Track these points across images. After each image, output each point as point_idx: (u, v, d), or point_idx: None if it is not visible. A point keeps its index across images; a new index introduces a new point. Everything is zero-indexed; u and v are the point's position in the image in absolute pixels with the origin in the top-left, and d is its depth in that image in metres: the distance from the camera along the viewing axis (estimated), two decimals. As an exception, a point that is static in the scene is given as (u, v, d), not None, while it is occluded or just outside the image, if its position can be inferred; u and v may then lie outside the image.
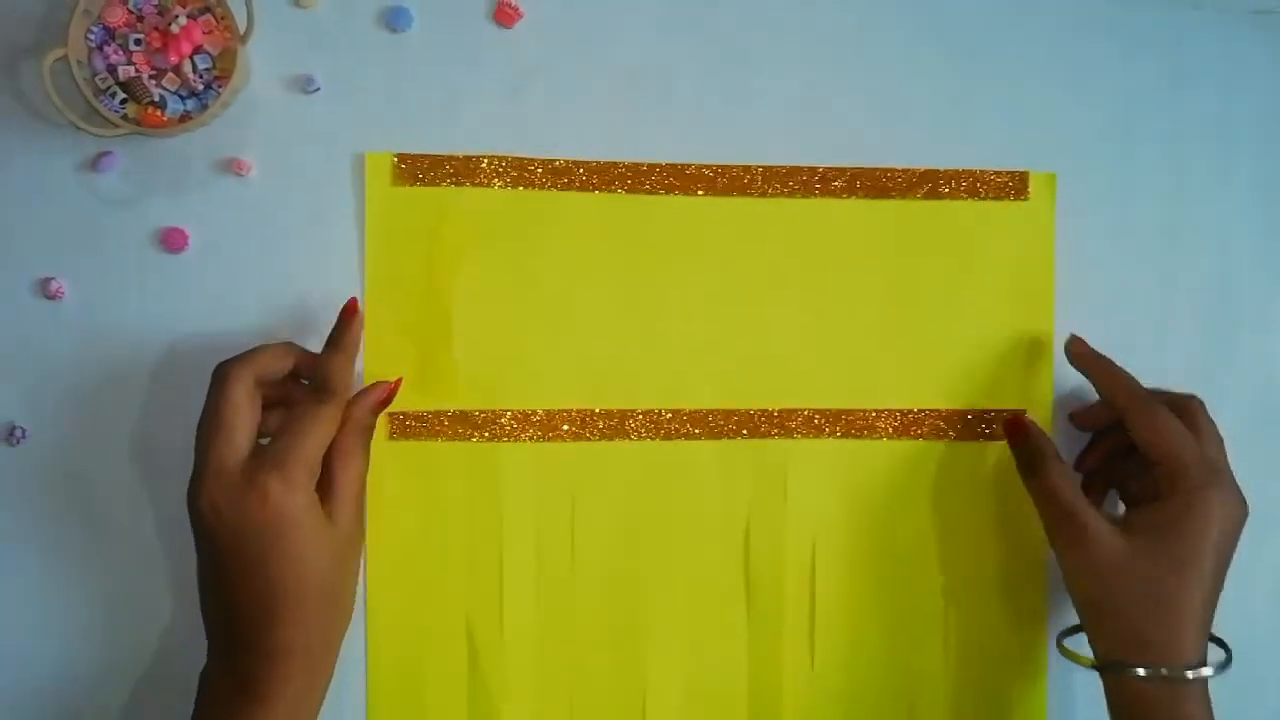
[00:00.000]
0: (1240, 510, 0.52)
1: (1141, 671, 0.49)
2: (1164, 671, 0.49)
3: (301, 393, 0.52)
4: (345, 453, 0.51)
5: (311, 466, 0.48)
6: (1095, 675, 0.57)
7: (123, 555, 0.55)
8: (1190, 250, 0.60)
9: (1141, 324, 0.60)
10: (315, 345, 0.54)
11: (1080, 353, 0.56)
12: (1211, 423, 0.54)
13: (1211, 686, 0.59)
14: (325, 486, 0.50)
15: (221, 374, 0.49)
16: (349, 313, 0.53)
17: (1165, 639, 0.49)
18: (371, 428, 0.53)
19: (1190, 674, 0.49)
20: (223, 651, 0.49)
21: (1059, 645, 0.55)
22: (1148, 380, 0.60)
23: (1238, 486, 0.52)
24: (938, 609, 0.58)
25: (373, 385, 0.53)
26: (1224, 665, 0.51)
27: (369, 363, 0.55)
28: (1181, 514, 0.50)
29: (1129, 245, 0.60)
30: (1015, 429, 0.56)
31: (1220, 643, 0.52)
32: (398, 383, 0.54)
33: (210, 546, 0.48)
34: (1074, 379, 0.59)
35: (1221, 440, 0.54)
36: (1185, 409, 0.53)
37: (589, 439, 0.56)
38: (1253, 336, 0.61)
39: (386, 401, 0.53)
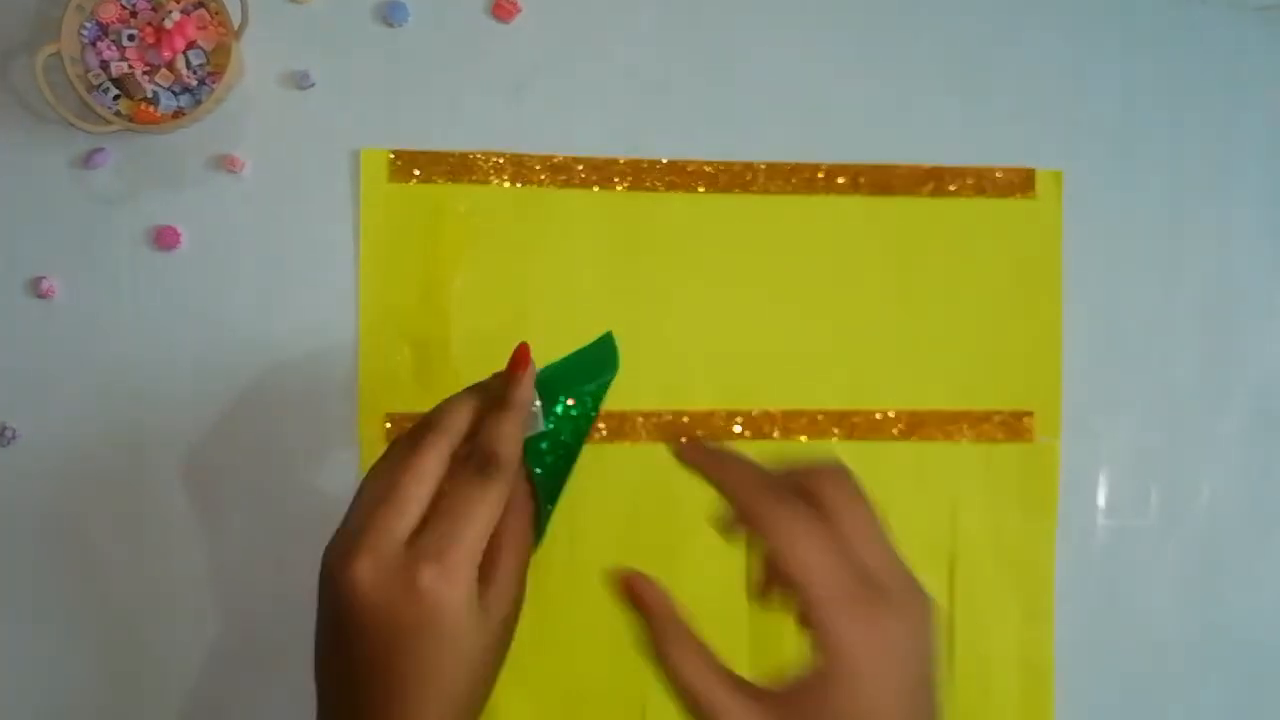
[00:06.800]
0: (918, 623, 0.38)
1: None
2: None
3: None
4: (513, 535, 0.43)
5: (475, 556, 0.40)
6: (1106, 680, 0.57)
7: (114, 555, 0.54)
8: (1195, 247, 0.60)
9: (1147, 323, 0.59)
10: (315, 348, 0.54)
11: (691, 460, 0.42)
12: (854, 501, 0.40)
13: (1222, 688, 0.59)
14: (485, 570, 0.41)
15: (418, 440, 0.42)
16: (520, 364, 0.45)
17: None
18: (531, 494, 0.46)
19: None
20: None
21: None
22: (1155, 375, 0.59)
23: (909, 588, 0.39)
24: (942, 609, 0.57)
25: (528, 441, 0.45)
26: None
27: (365, 361, 0.54)
28: (838, 683, 0.36)
29: (1135, 242, 0.59)
30: (633, 595, 0.41)
31: None
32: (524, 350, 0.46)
33: (344, 622, 0.41)
34: (1084, 379, 0.58)
35: (872, 517, 0.41)
36: (820, 493, 0.39)
37: (588, 439, 0.56)
38: (1257, 334, 0.60)
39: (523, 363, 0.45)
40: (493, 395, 0.45)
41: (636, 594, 0.41)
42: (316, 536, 0.54)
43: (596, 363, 0.48)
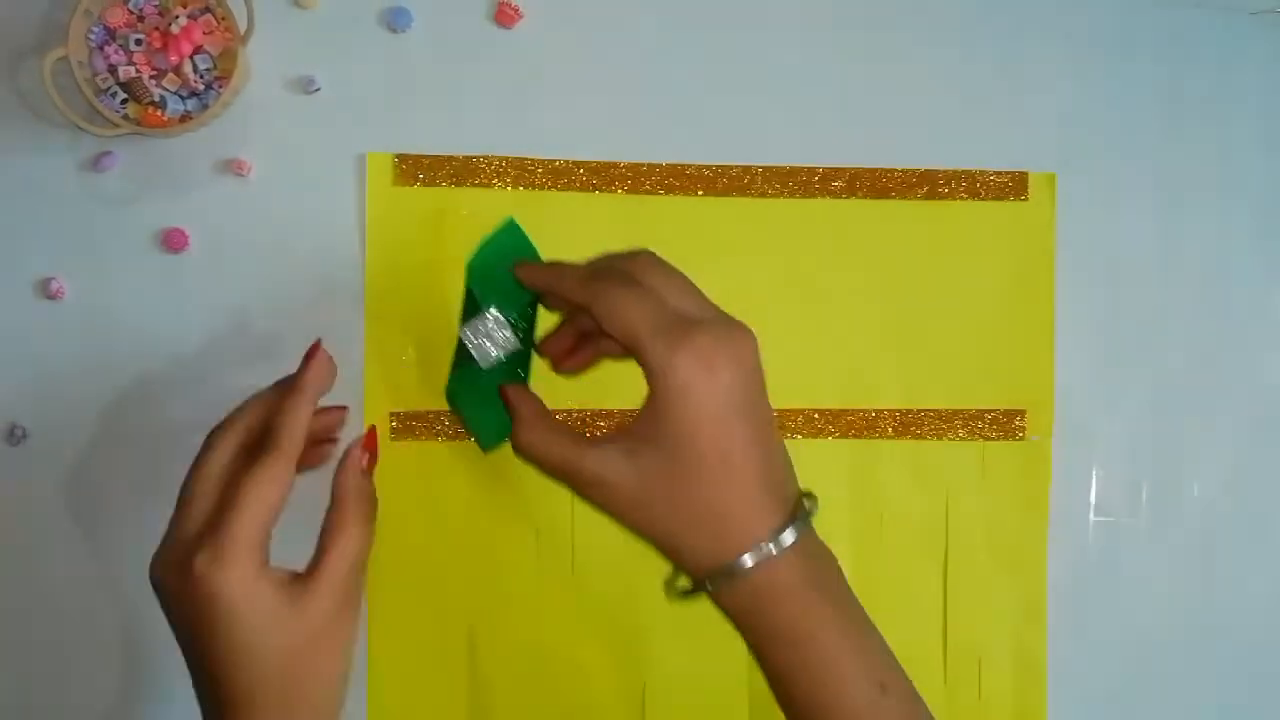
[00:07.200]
0: (734, 347, 0.43)
1: (738, 568, 0.42)
2: (746, 561, 0.42)
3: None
4: (336, 527, 0.44)
5: (251, 537, 0.41)
6: (1098, 677, 0.57)
7: (122, 555, 0.54)
8: (1189, 250, 0.60)
9: (1140, 324, 0.60)
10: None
11: (527, 276, 0.49)
12: (666, 272, 0.46)
13: (1213, 685, 0.60)
14: (314, 567, 0.43)
15: (206, 441, 0.45)
16: (310, 354, 0.47)
17: (731, 535, 0.42)
18: (368, 497, 0.46)
19: (773, 547, 0.42)
20: None
21: (666, 588, 0.46)
22: (1147, 375, 0.60)
23: (723, 320, 0.45)
24: (937, 608, 0.58)
25: (350, 446, 0.46)
26: (808, 513, 0.44)
27: (369, 362, 0.55)
28: (663, 404, 0.42)
29: (1128, 244, 0.60)
30: (505, 398, 0.49)
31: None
32: (372, 432, 0.48)
33: (167, 617, 0.44)
34: (1076, 378, 0.59)
35: (687, 283, 0.46)
36: (634, 269, 0.45)
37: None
38: (1250, 336, 0.61)
39: (372, 458, 0.47)
40: (289, 382, 0.47)
41: (507, 398, 0.48)
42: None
43: (517, 251, 0.51)
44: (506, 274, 0.50)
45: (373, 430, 0.48)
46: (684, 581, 0.45)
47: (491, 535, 0.56)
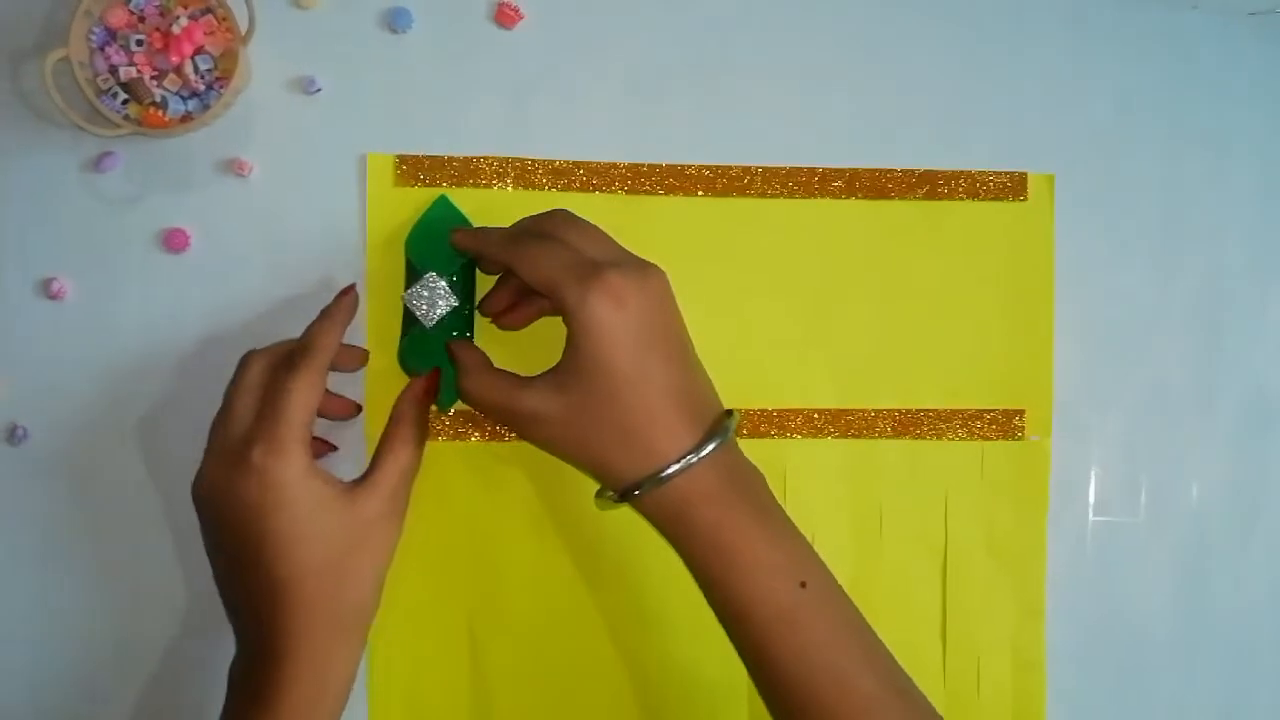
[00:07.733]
0: (643, 283, 0.47)
1: (662, 477, 0.46)
2: (668, 470, 0.46)
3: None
4: (390, 442, 0.50)
5: (296, 430, 0.46)
6: (1097, 676, 0.58)
7: (124, 555, 0.55)
8: (1187, 251, 0.60)
9: (1138, 324, 0.60)
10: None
11: (459, 240, 0.53)
12: (580, 225, 0.50)
13: (1213, 685, 0.60)
14: (367, 474, 0.49)
15: (241, 360, 0.50)
16: (345, 290, 0.53)
17: (653, 449, 0.46)
18: (420, 422, 0.51)
19: (693, 457, 0.46)
20: (239, 648, 0.49)
21: (596, 498, 0.51)
22: (1146, 375, 0.60)
23: (633, 261, 0.48)
24: (936, 608, 0.58)
25: (416, 377, 0.53)
26: (727, 428, 0.47)
27: (373, 361, 0.55)
28: (581, 339, 0.46)
29: (1127, 246, 0.60)
30: (450, 353, 0.53)
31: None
32: (435, 374, 0.53)
33: (212, 535, 0.48)
34: (1075, 378, 0.59)
35: (600, 233, 0.50)
36: (549, 226, 0.50)
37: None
38: (1249, 337, 0.61)
39: (427, 393, 0.52)
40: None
41: (451, 352, 0.52)
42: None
43: (450, 222, 0.54)
44: (441, 243, 0.53)
45: (436, 372, 0.53)
46: (612, 491, 0.48)
47: (492, 534, 0.56)
